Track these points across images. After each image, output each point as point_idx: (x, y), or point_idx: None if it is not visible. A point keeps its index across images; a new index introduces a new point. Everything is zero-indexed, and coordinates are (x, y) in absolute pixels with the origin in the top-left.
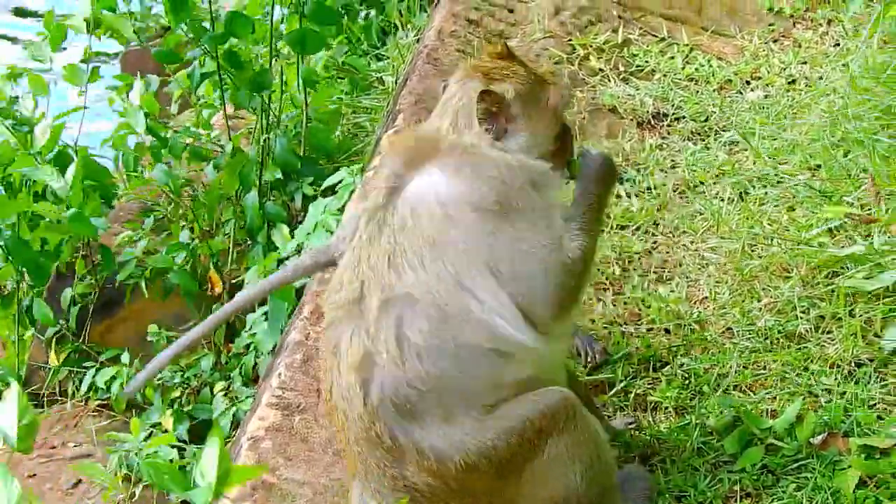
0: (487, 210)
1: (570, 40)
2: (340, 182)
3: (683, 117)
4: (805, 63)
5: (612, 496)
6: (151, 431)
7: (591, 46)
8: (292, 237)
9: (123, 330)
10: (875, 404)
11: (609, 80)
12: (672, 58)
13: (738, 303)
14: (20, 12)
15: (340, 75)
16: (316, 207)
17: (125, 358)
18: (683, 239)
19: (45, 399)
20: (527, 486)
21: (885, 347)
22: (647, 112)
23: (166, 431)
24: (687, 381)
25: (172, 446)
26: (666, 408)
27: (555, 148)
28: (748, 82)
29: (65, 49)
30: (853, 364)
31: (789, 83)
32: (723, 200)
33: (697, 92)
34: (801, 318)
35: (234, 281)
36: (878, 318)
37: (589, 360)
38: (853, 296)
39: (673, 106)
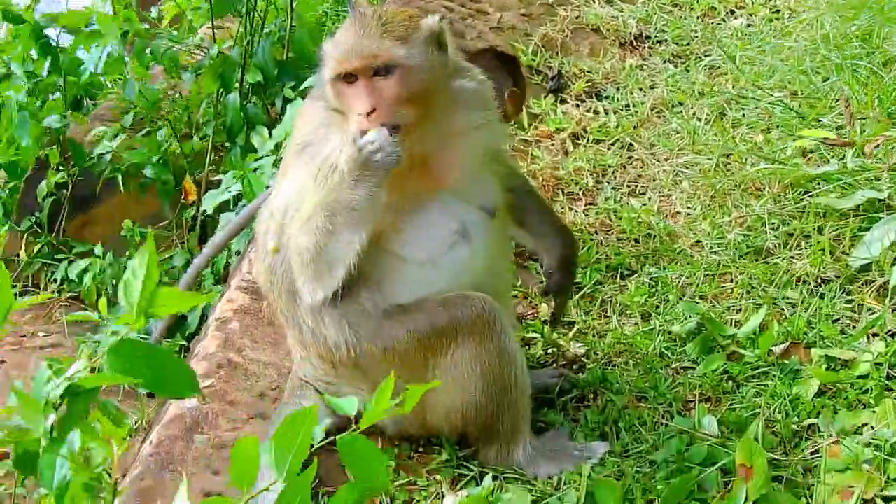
0: None
1: None
2: None
3: (665, 40)
4: None
5: (515, 420)
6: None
7: None
8: (270, 137)
9: (99, 227)
10: (838, 319)
11: (594, 1)
12: None
13: (709, 217)
14: None
15: None
16: (294, 108)
17: (98, 250)
18: (658, 155)
19: (18, 290)
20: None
21: (852, 265)
22: (630, 33)
23: None
24: (654, 289)
25: (142, 338)
26: (631, 313)
27: None
28: (732, 11)
29: None
30: (819, 280)
31: (773, 13)
32: (700, 120)
33: (681, 17)
34: (771, 233)
35: (211, 179)
36: (846, 236)
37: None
38: (823, 214)
39: (655, 29)
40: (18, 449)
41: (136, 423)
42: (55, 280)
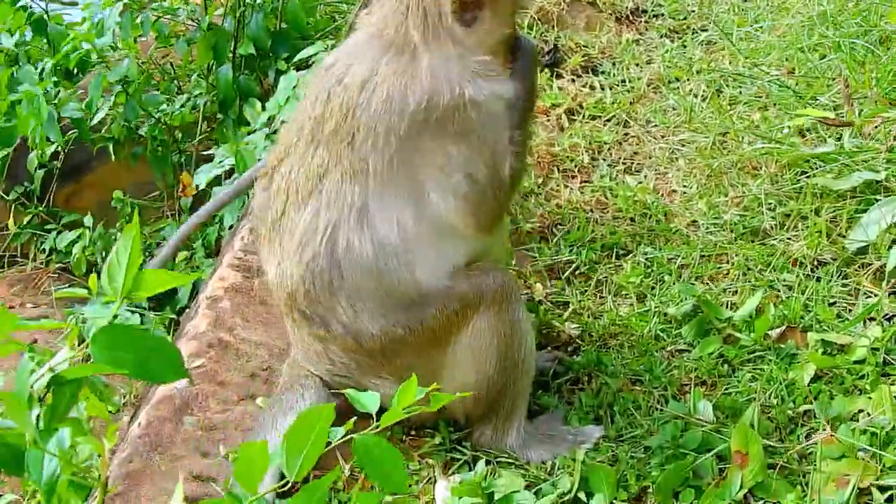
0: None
1: None
2: (314, 56)
3: (662, 14)
4: None
5: (515, 400)
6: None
7: None
8: (263, 110)
9: (88, 196)
10: (835, 302)
11: None
12: None
13: (705, 196)
14: None
15: None
16: (288, 80)
17: (88, 221)
18: (655, 132)
19: (6, 261)
20: (447, 366)
21: (849, 247)
22: (626, 7)
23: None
24: (649, 270)
25: (132, 311)
26: (626, 294)
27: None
28: None
29: None
30: (816, 262)
31: None
32: (696, 97)
33: None
34: (767, 214)
35: (205, 153)
36: (843, 218)
37: None
38: (820, 195)
39: (652, 3)
40: (2, 447)
41: (123, 398)
42: (44, 250)
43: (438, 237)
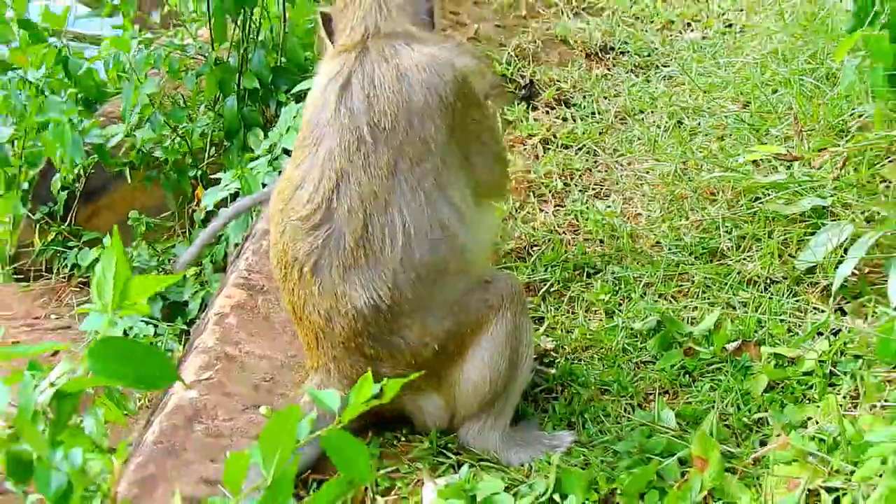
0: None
1: None
2: None
3: (628, 52)
4: (741, 10)
5: (508, 401)
6: None
7: None
8: (266, 137)
9: (106, 216)
10: (786, 318)
11: (563, 14)
12: None
13: (668, 219)
14: None
15: None
16: (288, 111)
17: (106, 241)
18: (621, 160)
19: (32, 275)
20: (467, 364)
21: (799, 267)
22: (596, 45)
23: None
24: (617, 288)
25: (147, 322)
26: (596, 310)
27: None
28: (689, 24)
29: None
30: (768, 280)
31: (726, 27)
32: (659, 128)
33: (642, 30)
34: (724, 236)
35: (212, 176)
36: (794, 240)
37: None
38: (772, 219)
39: (619, 41)
40: (10, 458)
41: (138, 401)
42: (66, 266)
43: (477, 211)
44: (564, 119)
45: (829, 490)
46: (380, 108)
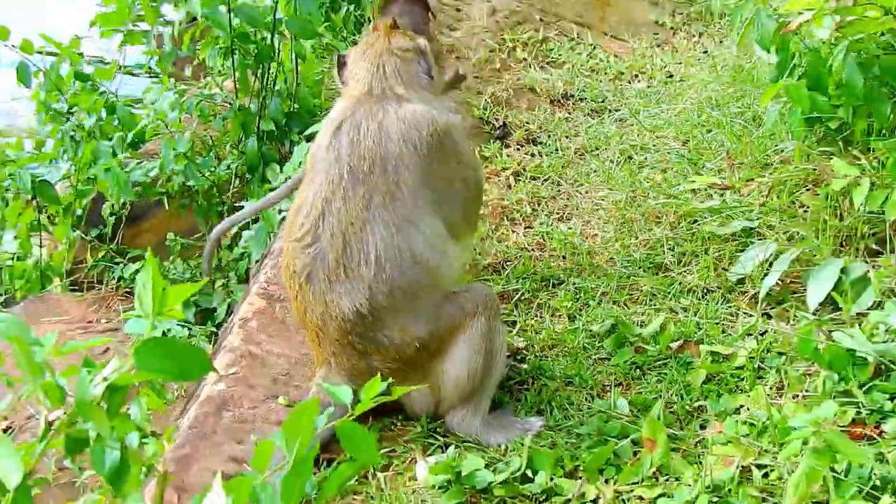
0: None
1: (502, 35)
2: None
3: (585, 98)
4: (680, 63)
5: (486, 393)
6: None
7: (518, 41)
8: (281, 172)
9: (147, 237)
10: (721, 321)
11: (530, 67)
12: (579, 53)
13: (620, 239)
14: None
15: (325, 54)
16: (300, 150)
17: (147, 256)
18: (581, 189)
19: (86, 286)
20: (448, 361)
21: (731, 278)
22: (558, 93)
23: None
24: (578, 296)
25: (182, 326)
26: (560, 314)
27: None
28: (636, 75)
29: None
30: (705, 290)
31: (667, 77)
32: (612, 162)
33: (597, 80)
34: (668, 253)
35: (236, 205)
36: (726, 256)
37: None
38: (708, 238)
39: (578, 89)
40: (68, 439)
41: (175, 392)
42: (114, 278)
43: (448, 242)
44: (532, 155)
45: (759, 467)
46: (360, 153)
